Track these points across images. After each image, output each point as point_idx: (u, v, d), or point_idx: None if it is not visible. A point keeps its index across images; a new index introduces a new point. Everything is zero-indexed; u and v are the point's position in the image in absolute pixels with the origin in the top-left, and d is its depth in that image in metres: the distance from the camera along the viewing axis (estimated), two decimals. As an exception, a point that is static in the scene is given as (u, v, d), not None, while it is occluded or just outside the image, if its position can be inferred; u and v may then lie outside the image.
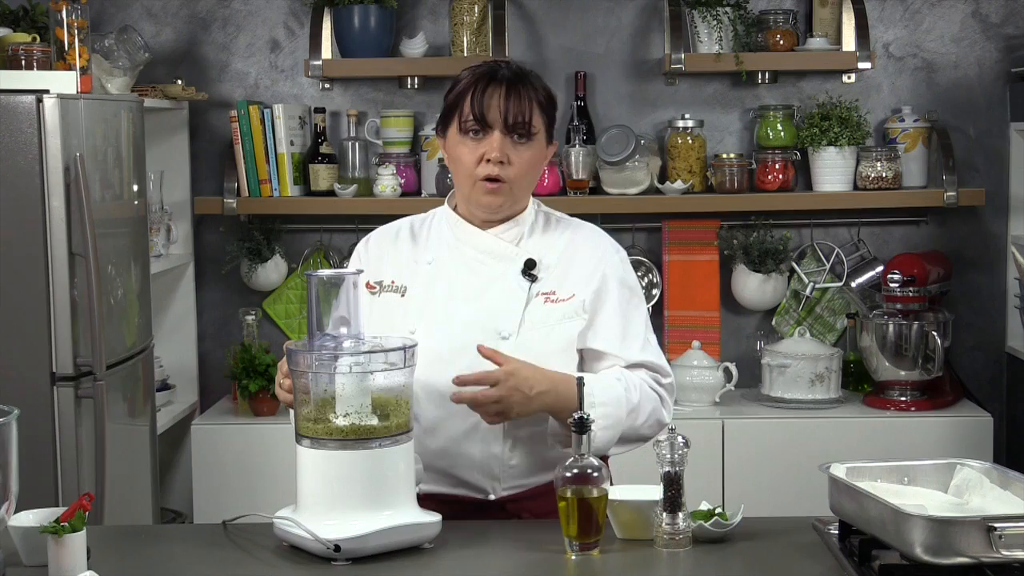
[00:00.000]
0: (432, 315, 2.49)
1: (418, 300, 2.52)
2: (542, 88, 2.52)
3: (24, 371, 3.38)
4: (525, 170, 2.48)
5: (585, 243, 2.56)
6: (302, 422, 2.24)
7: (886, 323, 4.24)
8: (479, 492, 2.49)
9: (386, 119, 4.47)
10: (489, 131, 2.46)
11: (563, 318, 2.48)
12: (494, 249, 2.53)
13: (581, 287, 2.50)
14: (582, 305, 2.49)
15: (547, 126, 2.52)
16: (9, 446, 2.03)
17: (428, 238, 2.59)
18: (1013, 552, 1.96)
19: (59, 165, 3.35)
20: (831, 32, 4.42)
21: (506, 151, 2.46)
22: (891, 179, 4.37)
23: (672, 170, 4.43)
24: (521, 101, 2.46)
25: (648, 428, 2.49)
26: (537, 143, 2.50)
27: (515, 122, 2.46)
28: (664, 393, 2.53)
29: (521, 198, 2.53)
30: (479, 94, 2.47)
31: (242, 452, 4.21)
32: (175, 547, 2.38)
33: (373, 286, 2.57)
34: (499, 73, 2.49)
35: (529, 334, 2.46)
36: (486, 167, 2.46)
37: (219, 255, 4.57)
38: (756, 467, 4.14)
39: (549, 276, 2.51)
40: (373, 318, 2.51)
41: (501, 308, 2.48)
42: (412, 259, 2.57)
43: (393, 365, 2.25)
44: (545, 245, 2.54)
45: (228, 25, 4.57)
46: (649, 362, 2.52)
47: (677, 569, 2.19)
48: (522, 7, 4.51)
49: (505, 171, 2.46)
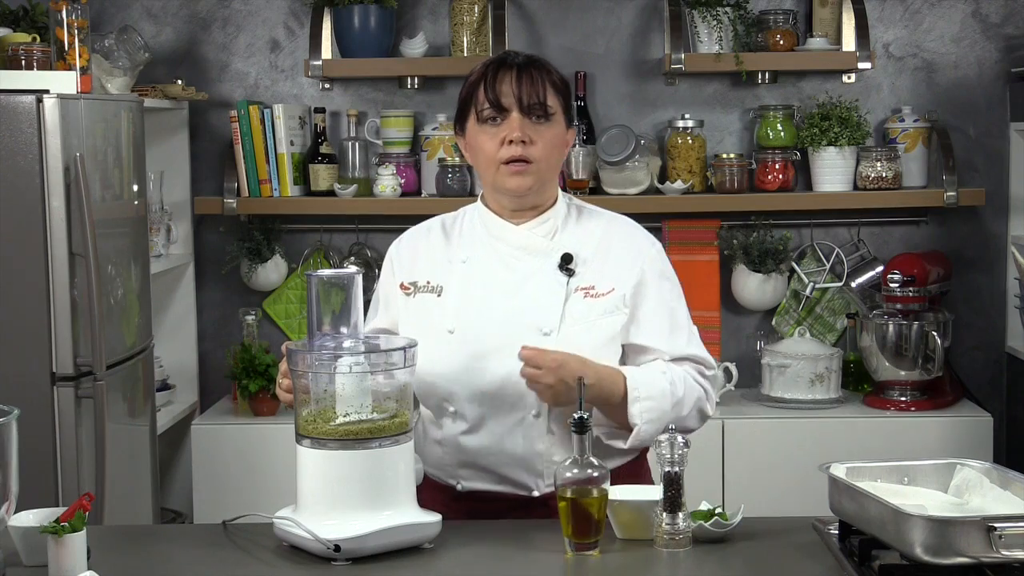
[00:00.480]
0: (470, 314, 2.48)
1: (455, 299, 2.50)
2: (555, 71, 2.51)
3: (24, 371, 3.38)
4: (548, 150, 2.46)
5: (621, 235, 2.55)
6: (302, 422, 2.24)
7: (886, 323, 4.24)
8: (522, 489, 2.48)
9: (386, 119, 4.47)
10: (506, 114, 2.45)
11: (604, 312, 2.47)
12: (529, 244, 2.51)
13: (621, 281, 2.48)
14: (623, 299, 2.48)
15: (564, 108, 2.50)
16: (9, 446, 2.03)
17: (461, 236, 2.57)
18: (1013, 552, 1.96)
19: (59, 165, 3.35)
20: (831, 32, 4.42)
21: (526, 131, 2.45)
22: (891, 179, 4.37)
23: (672, 170, 4.43)
24: (534, 83, 2.45)
25: (692, 420, 2.50)
26: (556, 124, 2.48)
27: (531, 103, 2.45)
28: (707, 385, 2.53)
29: (548, 181, 2.51)
30: (491, 81, 2.47)
31: (242, 452, 4.21)
32: (175, 547, 2.38)
33: (407, 287, 2.56)
34: (509, 59, 2.49)
35: (571, 329, 2.45)
36: (508, 149, 2.45)
37: (219, 255, 4.57)
38: (756, 467, 4.14)
39: (587, 270, 2.49)
40: (409, 319, 2.52)
41: (540, 304, 2.46)
42: (446, 258, 2.55)
43: (393, 365, 2.25)
44: (580, 238, 2.52)
45: (228, 25, 4.57)
46: (693, 355, 2.52)
47: (677, 569, 2.19)
48: (522, 7, 4.51)
49: (528, 151, 2.45)
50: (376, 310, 2.62)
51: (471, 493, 2.49)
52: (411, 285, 2.56)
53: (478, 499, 2.48)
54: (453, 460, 2.51)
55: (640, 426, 2.40)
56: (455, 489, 2.52)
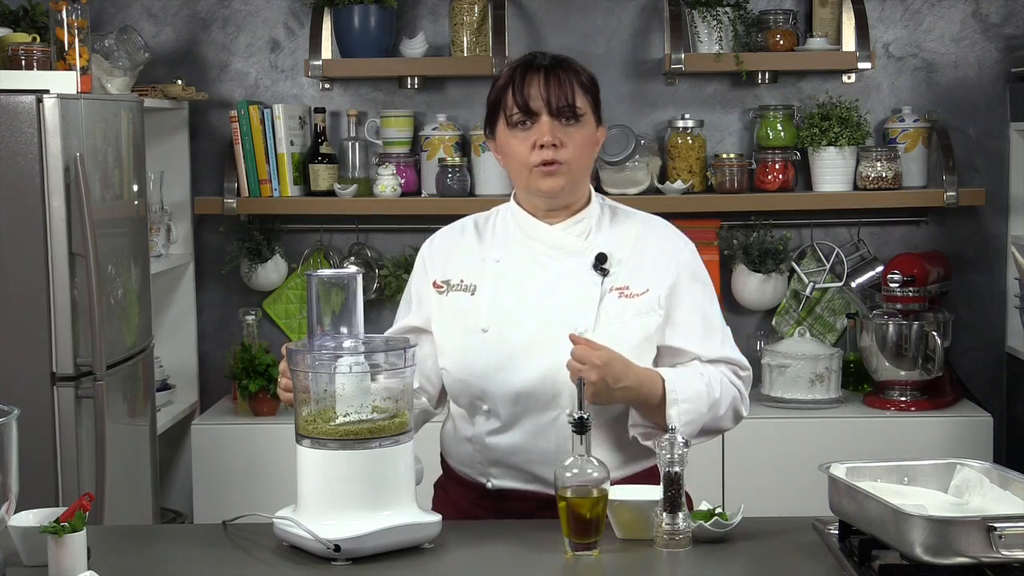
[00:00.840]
0: (504, 312, 2.48)
1: (488, 298, 2.50)
2: (583, 70, 2.51)
3: (24, 371, 3.38)
4: (579, 151, 2.46)
5: (655, 236, 2.55)
6: (302, 422, 2.24)
7: (886, 323, 4.24)
8: (552, 488, 2.48)
9: (386, 119, 4.47)
10: (536, 118, 2.45)
11: (639, 313, 2.47)
12: (563, 243, 2.51)
13: (655, 282, 2.49)
14: (657, 300, 2.48)
15: (593, 108, 2.51)
16: (9, 446, 2.03)
17: (494, 235, 2.57)
18: (1013, 552, 1.96)
19: (59, 165, 3.34)
20: (831, 32, 4.42)
21: (556, 134, 2.44)
22: (891, 179, 4.37)
23: (672, 170, 4.43)
24: (562, 84, 2.45)
25: (728, 420, 2.52)
26: (586, 124, 2.48)
27: (559, 105, 2.44)
28: (742, 386, 2.55)
29: (580, 181, 2.51)
30: (519, 85, 2.46)
31: (242, 452, 4.21)
32: (175, 547, 2.38)
33: (440, 285, 2.56)
34: (536, 61, 2.48)
35: (606, 329, 2.45)
36: (539, 152, 2.44)
37: (219, 255, 4.57)
38: (756, 467, 4.14)
39: (621, 270, 2.49)
40: (443, 317, 2.53)
41: (575, 303, 2.46)
42: (479, 257, 2.55)
43: (393, 365, 2.25)
44: (614, 239, 2.52)
45: (228, 25, 4.57)
46: (727, 357, 2.53)
47: (677, 569, 2.19)
48: (522, 7, 4.51)
49: (559, 153, 2.44)
50: (408, 308, 2.62)
51: (500, 491, 2.50)
52: (444, 284, 2.56)
53: (508, 497, 2.49)
54: (484, 458, 2.51)
55: (678, 428, 2.41)
56: (485, 487, 2.52)
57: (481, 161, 4.40)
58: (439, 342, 2.54)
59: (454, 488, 2.59)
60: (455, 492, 2.58)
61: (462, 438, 2.54)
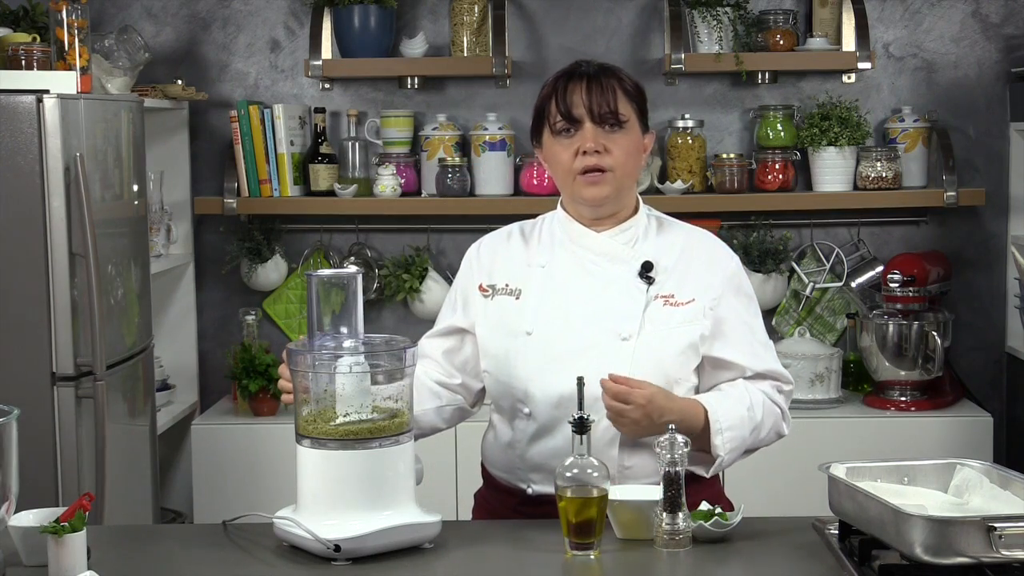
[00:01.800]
0: (548, 317, 2.49)
1: (533, 302, 2.51)
2: (627, 78, 2.51)
3: (24, 371, 3.38)
4: (624, 157, 2.47)
5: (701, 248, 2.56)
6: (302, 422, 2.24)
7: (886, 323, 4.24)
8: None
9: (386, 119, 4.47)
10: (579, 125, 2.46)
11: (683, 321, 2.48)
12: (609, 251, 2.52)
13: (701, 292, 2.50)
14: (702, 311, 2.49)
15: (639, 115, 2.50)
16: (9, 446, 2.03)
17: (540, 241, 2.59)
18: (1013, 552, 1.96)
19: (59, 165, 3.34)
20: (831, 32, 4.42)
21: (600, 140, 2.45)
22: (891, 179, 4.37)
23: (672, 170, 4.43)
24: (605, 92, 2.45)
25: (768, 440, 2.56)
26: (631, 131, 2.48)
27: (602, 112, 2.45)
28: (783, 403, 2.57)
29: (625, 189, 2.51)
30: (562, 93, 2.47)
31: (242, 452, 4.21)
32: (175, 547, 2.38)
33: (486, 289, 2.57)
34: (579, 70, 2.49)
35: (650, 336, 2.46)
36: (583, 159, 2.45)
37: (219, 255, 4.57)
38: (756, 467, 4.12)
39: (667, 279, 2.51)
40: (488, 321, 2.54)
41: (620, 309, 2.47)
42: (525, 262, 2.57)
43: (393, 365, 2.25)
44: (660, 248, 2.53)
45: (228, 25, 4.57)
46: (772, 371, 2.54)
47: (677, 569, 2.19)
48: (522, 7, 4.51)
49: (603, 160, 2.45)
50: (453, 310, 2.63)
51: (541, 497, 2.49)
52: (490, 288, 2.57)
53: (548, 502, 2.46)
54: (524, 463, 2.52)
55: (723, 456, 2.45)
56: (526, 493, 2.52)
57: (481, 161, 4.40)
58: (483, 344, 2.56)
59: (494, 497, 2.60)
60: (495, 501, 2.59)
61: (503, 444, 2.55)
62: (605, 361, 2.41)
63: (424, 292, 4.40)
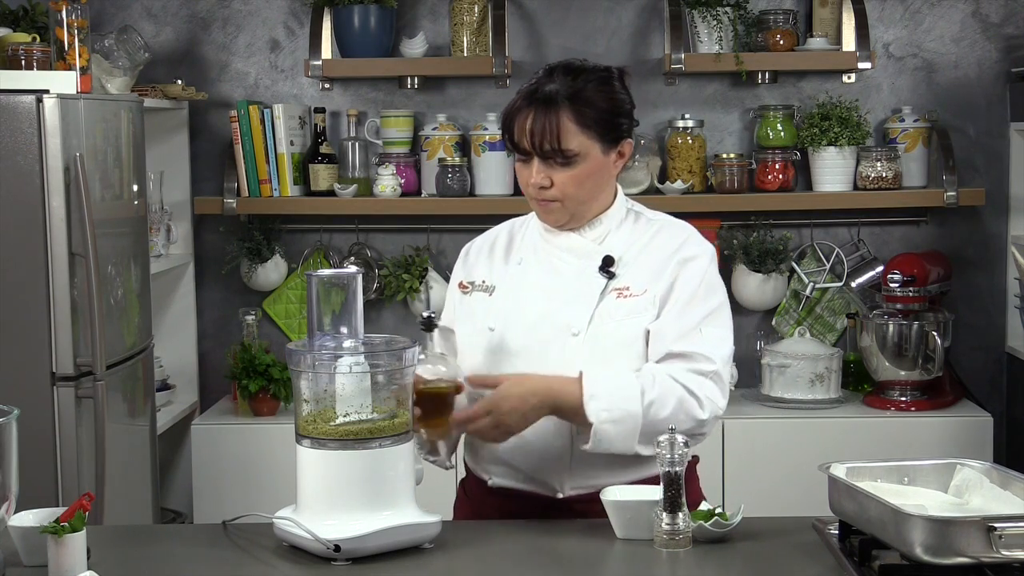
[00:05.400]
0: (511, 313, 2.50)
1: (502, 298, 2.53)
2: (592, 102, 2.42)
3: (24, 371, 3.38)
4: (572, 189, 2.44)
5: (667, 239, 2.52)
6: (302, 422, 2.24)
7: (886, 323, 4.24)
8: (548, 489, 2.49)
9: (386, 119, 4.47)
10: (530, 157, 2.45)
11: (632, 312, 2.45)
12: (575, 247, 2.52)
13: (654, 281, 2.47)
14: (653, 300, 2.46)
15: (600, 139, 2.44)
16: (9, 446, 2.03)
17: (524, 238, 2.60)
18: (1013, 552, 1.96)
19: (59, 165, 3.34)
20: (831, 32, 4.42)
21: (547, 174, 2.44)
22: (891, 179, 4.37)
23: (672, 170, 4.43)
24: (549, 129, 2.40)
25: (681, 423, 2.36)
26: (583, 161, 2.43)
27: (544, 150, 2.42)
28: (699, 387, 2.40)
29: (583, 210, 2.49)
30: (514, 119, 2.44)
31: (242, 452, 4.21)
32: (175, 547, 2.38)
33: (466, 286, 2.60)
34: (536, 94, 2.43)
35: (598, 330, 2.45)
36: (532, 189, 2.46)
37: (219, 255, 4.57)
38: (756, 467, 4.14)
39: (626, 272, 2.49)
40: (462, 316, 2.57)
41: (574, 305, 2.47)
42: (505, 260, 2.59)
43: (393, 365, 2.25)
44: (629, 242, 2.52)
45: (228, 25, 4.57)
46: (689, 352, 2.42)
47: (677, 569, 2.19)
48: (522, 7, 4.51)
49: (549, 193, 2.45)
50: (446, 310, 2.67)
51: (501, 489, 2.51)
52: (469, 284, 2.60)
53: (507, 496, 2.50)
54: (486, 456, 2.53)
55: (597, 425, 2.34)
56: (487, 484, 2.54)
57: (481, 161, 4.40)
58: (457, 340, 2.58)
59: (468, 484, 2.63)
60: (468, 488, 2.62)
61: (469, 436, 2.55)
62: (556, 357, 2.42)
63: (423, 292, 4.41)
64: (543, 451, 2.46)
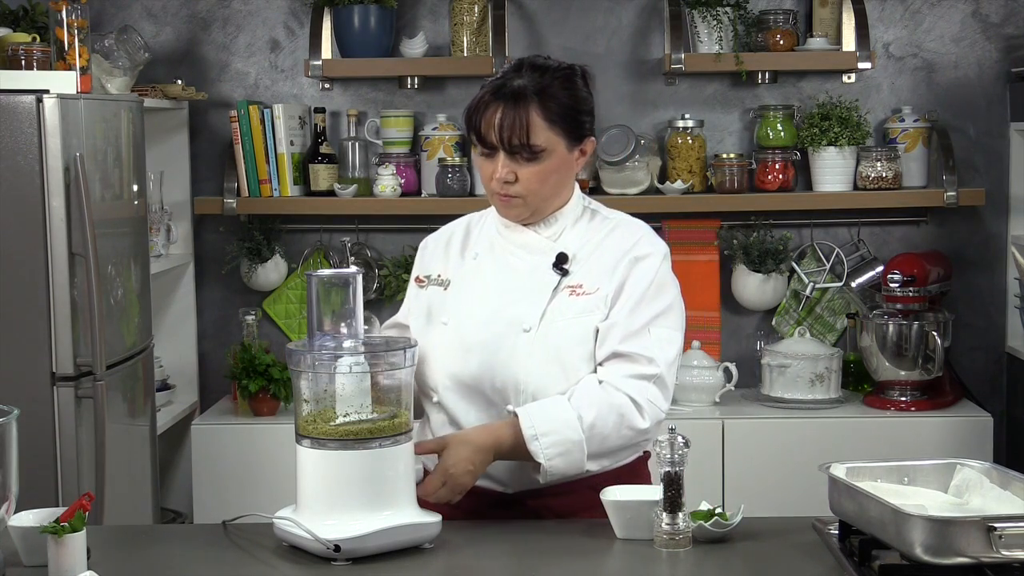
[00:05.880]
0: (465, 307, 2.51)
1: (456, 293, 2.54)
2: (559, 98, 2.45)
3: (24, 371, 3.37)
4: (536, 185, 2.46)
5: (621, 237, 2.52)
6: (302, 422, 2.24)
7: (886, 323, 4.24)
8: (499, 485, 2.49)
9: (386, 119, 4.47)
10: (494, 152, 2.46)
11: (584, 311, 2.46)
12: (529, 243, 2.53)
13: (606, 280, 2.47)
14: (605, 299, 2.47)
15: (566, 134, 2.46)
16: (9, 446, 2.03)
17: (480, 232, 2.61)
18: (1013, 552, 1.96)
19: (59, 165, 3.34)
20: (831, 32, 4.42)
21: (512, 169, 2.45)
22: (891, 179, 4.37)
23: (672, 170, 4.43)
24: (517, 123, 2.42)
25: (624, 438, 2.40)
26: (549, 157, 2.45)
27: (512, 144, 2.43)
28: (637, 391, 2.40)
29: (544, 206, 2.51)
30: (482, 114, 2.46)
31: (242, 452, 4.21)
32: (175, 547, 2.38)
33: (422, 280, 2.61)
34: (503, 89, 2.45)
35: (549, 327, 2.45)
36: (495, 184, 2.47)
37: (219, 255, 4.57)
38: (756, 467, 4.14)
39: (579, 269, 2.50)
40: (417, 310, 2.57)
41: (526, 301, 2.48)
42: (460, 255, 2.59)
43: (393, 365, 2.25)
44: (584, 239, 2.53)
45: (228, 25, 4.57)
46: (634, 353, 2.42)
47: (677, 569, 2.19)
48: (522, 7, 4.51)
49: (513, 188, 2.46)
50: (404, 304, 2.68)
51: None
52: (425, 278, 2.61)
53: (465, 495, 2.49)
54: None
55: (546, 463, 2.37)
56: None
57: (481, 161, 4.39)
58: (412, 334, 2.57)
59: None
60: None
61: (426, 430, 2.57)
62: (508, 353, 2.43)
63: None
64: None
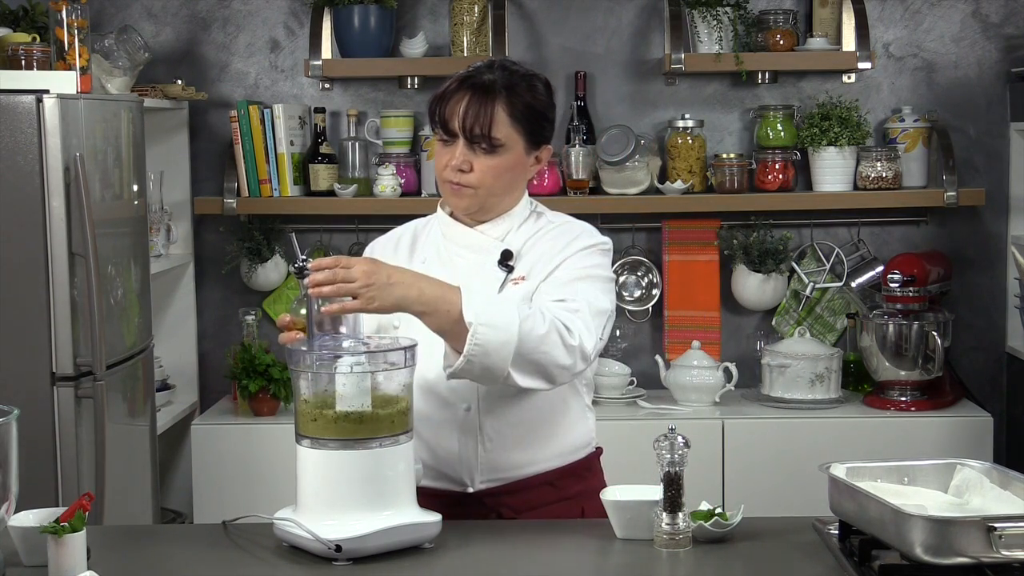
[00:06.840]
0: None
1: None
2: (524, 97, 2.49)
3: (24, 371, 3.37)
4: (490, 179, 2.48)
5: (560, 233, 2.56)
6: (302, 422, 2.24)
7: (886, 323, 4.24)
8: (458, 485, 2.51)
9: (386, 119, 4.47)
10: (455, 139, 2.49)
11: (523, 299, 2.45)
12: (473, 243, 2.56)
13: (544, 267, 2.50)
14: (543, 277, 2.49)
15: (526, 134, 2.50)
16: (9, 446, 2.03)
17: (427, 237, 2.63)
18: (1013, 552, 1.96)
19: (59, 165, 3.34)
20: (831, 32, 4.42)
21: (469, 159, 2.47)
22: (891, 179, 4.37)
23: (672, 170, 4.43)
24: (482, 114, 2.46)
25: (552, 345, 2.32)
26: (507, 152, 2.48)
27: (474, 134, 2.46)
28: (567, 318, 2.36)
29: (493, 202, 2.53)
30: (447, 101, 2.49)
31: (242, 452, 4.21)
32: (175, 547, 2.38)
33: None
34: (471, 80, 2.50)
35: None
36: (449, 171, 2.49)
37: (219, 255, 4.57)
38: (756, 467, 4.14)
39: (523, 264, 2.53)
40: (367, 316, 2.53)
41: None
42: (408, 259, 2.60)
43: (393, 365, 2.25)
44: (527, 237, 2.56)
45: (228, 25, 4.57)
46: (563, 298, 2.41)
47: (677, 569, 2.19)
48: (522, 7, 4.51)
49: (466, 178, 2.48)
50: None
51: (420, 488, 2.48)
52: None
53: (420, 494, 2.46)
54: None
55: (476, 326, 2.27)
56: None
57: (481, 161, 4.39)
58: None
59: None
60: None
61: None
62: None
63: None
64: (454, 447, 2.49)
